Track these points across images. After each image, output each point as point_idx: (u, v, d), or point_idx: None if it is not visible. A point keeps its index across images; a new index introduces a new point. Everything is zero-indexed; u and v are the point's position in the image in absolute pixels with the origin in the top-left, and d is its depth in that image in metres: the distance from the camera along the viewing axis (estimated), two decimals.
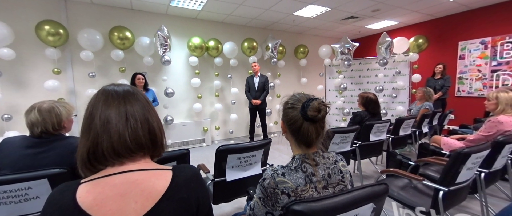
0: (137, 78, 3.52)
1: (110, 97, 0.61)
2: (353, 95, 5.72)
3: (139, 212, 0.53)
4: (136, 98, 0.63)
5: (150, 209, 0.54)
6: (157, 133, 0.64)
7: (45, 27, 3.21)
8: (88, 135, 0.57)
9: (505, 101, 2.04)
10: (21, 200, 1.04)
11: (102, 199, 0.52)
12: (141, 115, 0.61)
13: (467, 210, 2.09)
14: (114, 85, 0.65)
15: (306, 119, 0.82)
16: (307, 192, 0.80)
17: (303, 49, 5.68)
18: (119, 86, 0.64)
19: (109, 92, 0.62)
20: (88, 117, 0.59)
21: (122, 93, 0.62)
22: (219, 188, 1.63)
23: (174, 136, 4.42)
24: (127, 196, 0.54)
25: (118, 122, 0.58)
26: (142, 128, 0.60)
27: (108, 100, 0.60)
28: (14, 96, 3.35)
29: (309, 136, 0.83)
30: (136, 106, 0.61)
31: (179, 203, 0.57)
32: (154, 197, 0.55)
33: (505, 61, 4.17)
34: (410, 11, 4.53)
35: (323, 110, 0.82)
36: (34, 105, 1.21)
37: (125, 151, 0.57)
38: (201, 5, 3.93)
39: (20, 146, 1.17)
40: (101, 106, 0.59)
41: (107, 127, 0.57)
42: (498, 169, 1.82)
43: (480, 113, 4.00)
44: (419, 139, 3.23)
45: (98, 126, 0.57)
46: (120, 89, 0.63)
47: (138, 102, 0.62)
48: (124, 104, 0.60)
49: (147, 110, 0.63)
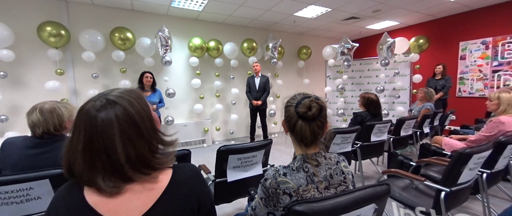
0: (145, 76, 3.48)
1: (93, 137, 0.53)
2: (354, 95, 5.72)
3: (141, 209, 0.55)
4: (113, 126, 0.53)
5: (152, 206, 0.55)
6: (146, 155, 0.57)
7: (47, 28, 3.22)
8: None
9: (507, 101, 2.04)
10: (23, 201, 1.04)
11: (107, 197, 0.54)
12: (122, 144, 0.54)
13: (469, 211, 2.09)
14: (96, 110, 0.54)
15: (299, 116, 0.82)
16: (309, 193, 0.80)
17: (306, 50, 5.68)
18: (99, 111, 0.54)
19: (90, 125, 0.53)
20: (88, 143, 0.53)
21: (100, 127, 0.53)
22: (220, 188, 1.62)
23: (175, 137, 4.41)
24: (129, 193, 0.55)
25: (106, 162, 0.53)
26: (127, 158, 0.54)
27: (92, 137, 0.53)
28: (15, 97, 3.36)
29: (303, 134, 0.83)
30: (117, 136, 0.53)
31: (180, 200, 0.59)
32: (156, 194, 0.57)
33: (506, 61, 4.15)
34: (411, 12, 4.52)
35: (314, 108, 0.81)
36: (36, 105, 1.21)
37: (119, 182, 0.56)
38: (201, 6, 3.93)
39: (21, 146, 1.17)
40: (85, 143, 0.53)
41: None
42: (500, 169, 1.81)
43: (481, 114, 3.99)
44: (420, 140, 3.22)
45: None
46: (99, 119, 0.53)
47: (118, 129, 0.54)
48: (103, 140, 0.53)
49: (133, 133, 0.55)
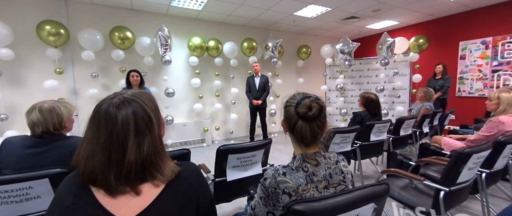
0: (131, 75, 3.28)
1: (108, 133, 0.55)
2: (354, 95, 5.72)
3: (141, 204, 0.55)
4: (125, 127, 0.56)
5: (151, 202, 0.56)
6: (154, 157, 0.58)
7: (46, 27, 3.21)
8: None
9: (507, 101, 2.04)
10: (22, 200, 1.04)
11: (111, 195, 0.55)
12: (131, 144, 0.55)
13: (468, 211, 2.09)
14: (115, 107, 0.56)
15: (299, 116, 0.82)
16: (308, 192, 0.80)
17: (306, 50, 5.67)
18: (119, 108, 0.56)
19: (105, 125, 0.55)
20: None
21: (120, 123, 0.55)
22: (220, 188, 1.63)
23: (174, 136, 4.42)
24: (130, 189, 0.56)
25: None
26: (139, 156, 0.55)
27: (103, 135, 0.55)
28: (14, 96, 3.35)
29: (303, 134, 0.83)
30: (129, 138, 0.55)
31: (179, 196, 0.59)
32: (156, 190, 0.58)
33: (506, 61, 4.16)
34: (411, 11, 4.52)
35: (314, 108, 0.81)
36: (35, 105, 1.21)
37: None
38: (201, 5, 3.93)
39: (21, 146, 1.17)
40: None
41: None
42: (499, 169, 1.82)
43: (480, 113, 3.99)
44: (419, 139, 3.22)
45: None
46: (120, 115, 0.56)
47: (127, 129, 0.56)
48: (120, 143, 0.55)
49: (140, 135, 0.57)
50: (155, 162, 0.58)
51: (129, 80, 3.29)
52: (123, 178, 0.54)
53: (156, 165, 0.59)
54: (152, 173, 0.58)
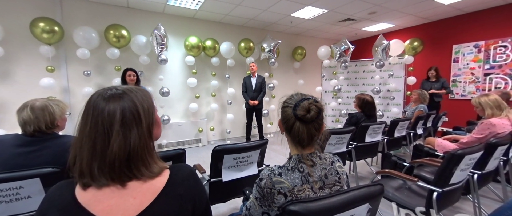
0: (128, 74, 3.20)
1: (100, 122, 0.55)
2: (349, 96, 5.77)
3: (137, 208, 0.54)
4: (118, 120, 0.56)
5: (148, 205, 0.55)
6: (142, 153, 0.57)
7: (40, 24, 3.16)
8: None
9: (488, 104, 2.08)
10: (12, 200, 1.02)
11: (101, 195, 0.53)
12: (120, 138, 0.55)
13: (460, 211, 2.12)
14: (105, 97, 0.57)
15: (297, 118, 0.82)
16: (304, 192, 0.80)
17: (301, 51, 5.70)
18: (108, 99, 0.56)
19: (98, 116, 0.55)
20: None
21: (106, 112, 0.55)
22: (215, 188, 1.62)
23: (170, 136, 4.39)
24: (125, 192, 0.54)
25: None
26: (123, 149, 0.54)
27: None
28: (4, 93, 3.28)
29: (300, 135, 0.83)
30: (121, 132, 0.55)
31: (176, 200, 0.58)
32: (152, 193, 0.56)
33: (498, 65, 4.24)
34: (406, 14, 4.58)
35: (313, 110, 0.81)
36: (27, 103, 1.18)
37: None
38: (198, 4, 3.91)
39: (11, 144, 1.14)
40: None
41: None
42: (490, 170, 1.85)
43: (473, 116, 4.05)
44: (413, 141, 3.26)
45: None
46: (107, 105, 0.56)
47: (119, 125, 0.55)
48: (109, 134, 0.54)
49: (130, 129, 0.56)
50: (143, 156, 0.57)
51: (125, 79, 3.22)
52: (107, 168, 0.53)
53: (144, 160, 0.57)
54: (139, 168, 0.56)
